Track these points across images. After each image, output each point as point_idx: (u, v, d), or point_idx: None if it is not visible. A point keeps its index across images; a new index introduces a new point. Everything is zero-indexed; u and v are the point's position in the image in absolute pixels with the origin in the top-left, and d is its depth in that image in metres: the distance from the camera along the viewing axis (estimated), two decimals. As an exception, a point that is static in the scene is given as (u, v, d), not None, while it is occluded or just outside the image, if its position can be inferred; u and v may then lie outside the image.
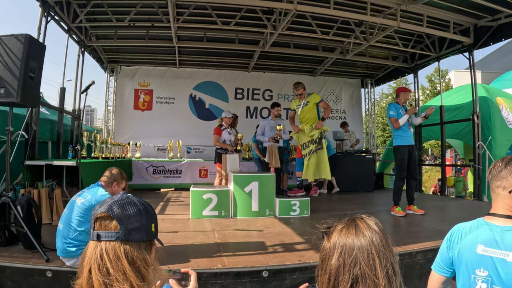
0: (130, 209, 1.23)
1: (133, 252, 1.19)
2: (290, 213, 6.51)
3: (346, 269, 1.22)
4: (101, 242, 1.19)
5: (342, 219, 1.37)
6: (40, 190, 5.63)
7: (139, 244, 1.22)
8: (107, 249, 1.17)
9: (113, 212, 1.21)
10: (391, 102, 7.01)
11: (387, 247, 1.25)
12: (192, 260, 3.69)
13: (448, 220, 6.23)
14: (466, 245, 1.80)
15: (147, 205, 1.32)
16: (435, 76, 28.13)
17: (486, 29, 8.47)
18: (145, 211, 1.27)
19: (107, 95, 12.32)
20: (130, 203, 1.26)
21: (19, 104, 4.30)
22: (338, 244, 1.27)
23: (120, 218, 1.20)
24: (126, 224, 1.20)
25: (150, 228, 1.27)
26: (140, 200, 1.31)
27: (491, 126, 10.12)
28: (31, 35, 4.40)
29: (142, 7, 8.17)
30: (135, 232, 1.21)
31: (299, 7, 7.28)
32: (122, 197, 1.28)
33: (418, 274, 3.95)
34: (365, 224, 1.29)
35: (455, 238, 1.89)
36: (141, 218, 1.24)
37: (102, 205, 1.24)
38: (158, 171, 10.47)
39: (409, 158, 6.59)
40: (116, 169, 3.88)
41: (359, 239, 1.24)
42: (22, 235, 3.93)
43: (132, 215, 1.22)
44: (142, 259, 1.20)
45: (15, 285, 3.38)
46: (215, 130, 7.90)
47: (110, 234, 1.19)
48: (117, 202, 1.24)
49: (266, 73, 12.78)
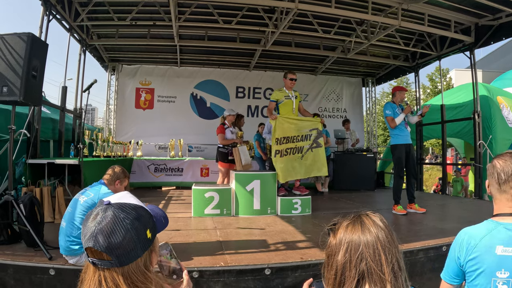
0: (119, 235, 1.09)
1: (132, 276, 1.13)
2: (291, 211, 6.52)
3: (353, 265, 1.23)
4: (98, 268, 1.12)
5: (347, 215, 1.38)
6: (42, 189, 5.65)
7: (136, 263, 1.14)
8: (105, 276, 1.11)
9: (99, 245, 1.08)
10: (387, 102, 7.02)
11: (393, 243, 1.27)
12: (195, 258, 3.70)
13: (449, 219, 6.24)
14: (483, 248, 1.70)
15: (138, 211, 1.19)
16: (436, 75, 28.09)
17: (487, 28, 8.47)
18: (135, 225, 1.14)
19: (108, 93, 12.34)
20: (117, 225, 1.10)
21: (22, 103, 4.32)
22: (344, 240, 1.28)
23: (109, 249, 1.08)
24: (117, 253, 1.09)
25: (145, 238, 1.17)
26: (127, 210, 1.16)
27: (491, 125, 10.12)
28: (34, 34, 4.41)
29: (144, 6, 8.17)
30: (130, 255, 1.12)
31: (301, 6, 7.27)
32: (107, 217, 1.12)
33: (419, 272, 3.96)
34: (370, 220, 1.30)
35: (467, 244, 1.77)
36: (132, 239, 1.12)
37: (87, 233, 1.11)
38: (159, 169, 10.50)
39: (407, 157, 6.61)
40: (119, 167, 3.89)
41: (365, 235, 1.26)
42: (25, 233, 3.94)
43: (121, 241, 1.09)
44: (143, 279, 1.15)
45: (18, 283, 3.39)
46: (218, 129, 7.77)
47: (103, 262, 1.10)
48: (102, 228, 1.09)
49: (267, 71, 12.79)
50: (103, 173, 3.90)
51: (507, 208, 1.77)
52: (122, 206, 1.16)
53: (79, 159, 5.59)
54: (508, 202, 1.77)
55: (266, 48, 9.83)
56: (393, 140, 6.75)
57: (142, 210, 1.21)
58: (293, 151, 6.84)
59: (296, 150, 6.87)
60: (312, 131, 6.98)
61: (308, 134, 6.95)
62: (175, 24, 8.36)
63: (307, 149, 6.92)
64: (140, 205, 1.23)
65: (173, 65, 12.17)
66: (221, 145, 7.76)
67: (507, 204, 1.77)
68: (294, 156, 6.85)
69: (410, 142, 6.72)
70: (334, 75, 13.35)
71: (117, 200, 1.20)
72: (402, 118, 6.58)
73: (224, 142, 7.69)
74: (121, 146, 9.74)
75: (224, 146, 7.74)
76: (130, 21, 8.57)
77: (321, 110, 12.94)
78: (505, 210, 1.77)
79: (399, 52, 11.29)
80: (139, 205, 1.22)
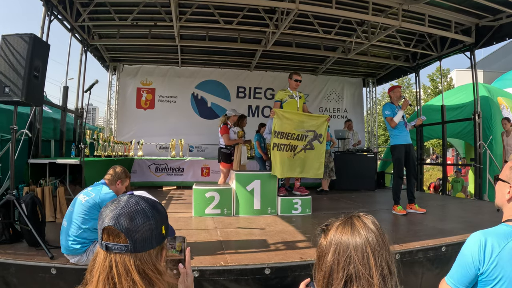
0: (139, 219, 1.14)
1: (144, 264, 1.13)
2: (291, 211, 6.55)
3: (340, 267, 1.22)
4: (110, 253, 1.13)
5: (339, 216, 1.37)
6: (44, 188, 5.67)
7: (149, 253, 1.16)
8: (117, 261, 1.11)
9: (120, 225, 1.12)
10: (386, 103, 7.05)
11: (383, 246, 1.25)
12: (195, 257, 3.72)
13: (449, 219, 6.25)
14: (507, 256, 1.62)
15: (157, 206, 1.24)
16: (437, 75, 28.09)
17: (488, 28, 8.48)
18: (155, 215, 1.19)
19: (109, 93, 12.34)
20: (139, 211, 1.16)
21: (24, 103, 4.34)
22: (333, 241, 1.27)
23: (129, 231, 1.12)
24: (135, 237, 1.12)
25: (160, 232, 1.20)
26: (149, 201, 1.22)
27: (492, 126, 10.13)
28: (35, 34, 4.44)
29: (145, 6, 8.20)
30: (146, 242, 1.15)
31: (301, 6, 7.29)
32: (130, 202, 1.18)
33: (419, 272, 3.98)
34: (361, 222, 1.29)
35: (489, 250, 1.66)
36: (151, 227, 1.16)
37: (109, 214, 1.15)
38: (160, 168, 10.53)
39: (407, 157, 6.65)
40: (120, 167, 3.91)
41: (354, 238, 1.24)
42: (27, 232, 3.96)
43: (141, 225, 1.14)
44: (153, 269, 1.15)
45: (20, 282, 3.42)
46: (222, 129, 7.72)
47: (119, 246, 1.12)
48: (125, 211, 1.14)
49: (268, 72, 12.79)
50: (104, 173, 3.92)
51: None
52: (144, 198, 1.23)
53: (80, 159, 5.63)
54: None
55: (267, 48, 9.84)
56: (393, 140, 6.79)
57: (161, 206, 1.26)
58: (286, 148, 6.77)
59: (289, 148, 6.79)
60: (309, 132, 6.89)
61: (304, 135, 6.86)
62: (176, 24, 8.38)
63: (300, 149, 6.84)
64: (159, 202, 1.28)
65: (174, 65, 12.19)
66: (224, 146, 7.75)
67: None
68: (286, 153, 6.77)
69: (410, 142, 6.75)
70: (335, 75, 13.35)
71: (138, 193, 1.27)
72: (400, 115, 6.61)
73: (229, 142, 7.68)
74: (122, 146, 9.77)
75: (227, 147, 7.74)
76: (131, 21, 8.58)
77: (322, 110, 12.94)
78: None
79: (399, 53, 11.29)
80: (158, 201, 1.28)
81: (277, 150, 6.69)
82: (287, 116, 6.78)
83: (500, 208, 1.87)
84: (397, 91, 6.98)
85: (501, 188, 1.84)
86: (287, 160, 6.77)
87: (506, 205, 1.81)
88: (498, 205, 1.88)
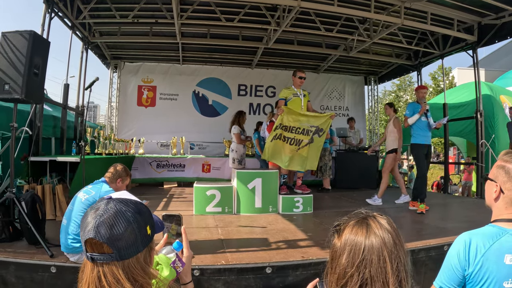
0: (120, 226, 1.07)
1: (133, 270, 1.09)
2: (293, 210, 6.52)
3: (355, 270, 1.18)
4: (97, 264, 1.08)
5: (353, 216, 1.32)
6: (44, 186, 5.66)
7: (137, 257, 1.11)
8: (105, 271, 1.07)
9: (101, 236, 1.06)
10: (413, 102, 7.14)
11: (401, 248, 1.20)
12: (196, 256, 3.68)
13: (451, 218, 6.23)
14: (492, 257, 1.61)
15: (139, 206, 1.17)
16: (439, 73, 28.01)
17: (490, 27, 8.43)
18: (137, 218, 1.12)
19: (110, 91, 12.34)
20: (119, 217, 1.09)
21: (24, 101, 4.31)
22: (348, 242, 1.23)
23: (111, 241, 1.06)
24: (119, 245, 1.07)
25: (146, 234, 1.14)
26: (129, 203, 1.15)
27: (494, 124, 10.10)
28: (35, 31, 4.41)
29: (146, 4, 8.17)
30: (131, 248, 1.09)
31: (303, 3, 7.26)
32: (109, 209, 1.10)
33: (422, 271, 3.96)
34: (377, 223, 1.24)
35: (473, 251, 1.65)
36: (134, 232, 1.10)
37: (88, 225, 1.08)
38: (161, 165, 10.52)
39: (425, 157, 6.83)
40: (121, 165, 3.89)
41: (369, 239, 1.20)
42: (26, 231, 3.95)
43: (123, 232, 1.07)
44: (143, 274, 1.11)
45: (19, 280, 3.40)
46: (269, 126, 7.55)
47: (104, 256, 1.07)
48: (104, 220, 1.07)
49: (270, 69, 12.78)
50: (104, 170, 3.90)
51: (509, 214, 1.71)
52: (124, 201, 1.15)
53: (81, 156, 5.60)
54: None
55: (268, 46, 9.82)
56: (414, 139, 6.90)
57: (143, 206, 1.19)
58: (290, 141, 6.77)
59: (294, 142, 6.79)
60: (312, 127, 6.88)
61: (308, 129, 6.85)
62: (177, 21, 8.36)
63: (306, 143, 6.85)
64: (141, 201, 1.21)
65: (175, 63, 12.17)
66: None
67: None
68: (290, 146, 6.77)
69: (430, 143, 6.96)
70: (337, 73, 13.32)
71: (117, 196, 1.19)
72: (415, 119, 6.76)
73: None
74: (123, 143, 9.75)
75: None
76: (132, 19, 8.56)
77: (323, 108, 12.91)
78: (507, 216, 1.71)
79: (401, 51, 11.25)
80: (139, 201, 1.21)
81: (275, 138, 6.73)
82: (293, 114, 6.80)
83: (490, 208, 1.83)
84: (421, 92, 7.11)
85: (489, 187, 1.81)
86: (289, 153, 6.78)
87: (494, 205, 1.78)
88: (488, 204, 1.85)
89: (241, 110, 8.65)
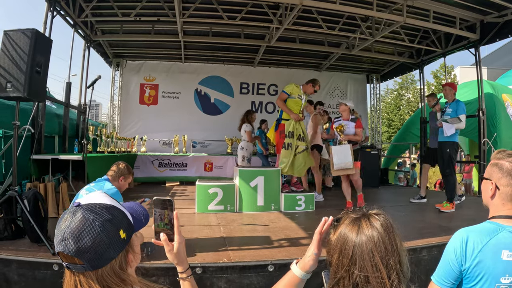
0: (88, 237, 1.04)
1: (107, 279, 1.08)
2: (295, 208, 6.54)
3: (347, 267, 1.20)
4: (73, 273, 1.08)
5: (351, 213, 1.32)
6: (47, 184, 5.67)
7: (111, 265, 1.10)
8: (81, 280, 1.07)
9: (68, 250, 1.03)
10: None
11: (394, 248, 1.20)
12: (198, 254, 3.71)
13: (453, 217, 6.21)
14: (489, 253, 1.63)
15: (110, 210, 1.13)
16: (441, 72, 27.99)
17: (493, 25, 8.39)
18: (106, 226, 1.08)
19: (112, 89, 12.33)
20: (86, 227, 1.05)
21: (26, 99, 4.33)
22: (340, 239, 1.25)
23: (79, 254, 1.04)
24: (87, 257, 1.04)
25: (118, 239, 1.11)
26: (98, 210, 1.10)
27: (496, 123, 10.07)
28: (37, 30, 4.42)
29: (148, 2, 8.18)
30: (102, 258, 1.07)
31: (305, 2, 7.24)
32: (75, 220, 1.06)
33: (424, 270, 3.95)
34: (368, 222, 1.23)
35: (470, 247, 1.67)
36: (102, 241, 1.06)
37: (57, 238, 1.06)
38: (163, 164, 10.54)
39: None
40: (123, 163, 3.90)
41: (359, 237, 1.20)
42: (29, 228, 3.96)
43: (90, 244, 1.04)
44: (118, 282, 1.10)
45: (22, 278, 3.41)
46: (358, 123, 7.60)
47: (76, 267, 1.06)
48: (71, 232, 1.04)
49: (272, 68, 12.77)
50: (107, 168, 3.91)
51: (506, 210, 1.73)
52: (92, 207, 1.10)
53: (83, 154, 5.61)
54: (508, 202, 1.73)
55: (270, 44, 9.80)
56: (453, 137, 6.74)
57: (115, 210, 1.15)
58: (291, 147, 6.95)
59: (293, 147, 6.97)
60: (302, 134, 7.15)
61: (303, 136, 7.11)
62: (180, 20, 8.34)
63: (302, 149, 7.01)
64: (113, 204, 1.16)
65: (177, 61, 12.16)
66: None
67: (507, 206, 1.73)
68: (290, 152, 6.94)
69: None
70: (339, 71, 13.30)
71: (88, 201, 1.14)
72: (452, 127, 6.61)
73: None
74: (125, 142, 9.77)
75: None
76: (134, 17, 8.55)
77: (325, 106, 12.87)
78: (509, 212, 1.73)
79: (404, 49, 11.22)
80: (111, 204, 1.16)
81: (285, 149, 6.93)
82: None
83: (487, 207, 1.86)
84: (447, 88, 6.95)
85: (485, 186, 1.84)
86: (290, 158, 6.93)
87: (490, 202, 1.81)
88: (485, 204, 1.87)
89: (249, 109, 8.73)
